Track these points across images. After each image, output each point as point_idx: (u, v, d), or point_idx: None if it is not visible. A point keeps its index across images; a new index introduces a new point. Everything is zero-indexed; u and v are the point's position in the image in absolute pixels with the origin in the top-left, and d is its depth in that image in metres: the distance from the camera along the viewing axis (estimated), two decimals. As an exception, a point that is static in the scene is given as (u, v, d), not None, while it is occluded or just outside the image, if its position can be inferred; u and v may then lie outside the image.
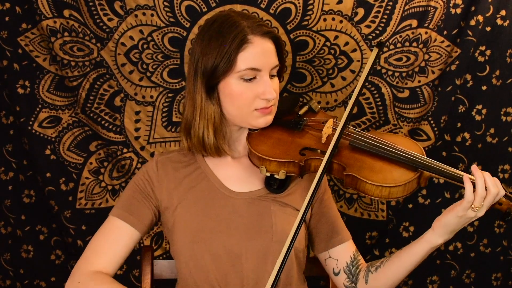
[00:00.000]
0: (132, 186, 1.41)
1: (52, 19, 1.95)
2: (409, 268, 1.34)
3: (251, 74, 1.29)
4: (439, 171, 1.26)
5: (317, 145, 1.33)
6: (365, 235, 2.15)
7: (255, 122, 1.34)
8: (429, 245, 1.29)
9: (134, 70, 2.01)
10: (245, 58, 1.28)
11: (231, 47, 1.27)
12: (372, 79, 2.03)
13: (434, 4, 1.97)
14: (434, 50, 2.00)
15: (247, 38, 1.28)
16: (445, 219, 1.25)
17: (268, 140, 1.35)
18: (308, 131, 1.39)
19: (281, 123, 1.39)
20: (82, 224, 2.09)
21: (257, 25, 1.30)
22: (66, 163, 2.06)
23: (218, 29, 1.30)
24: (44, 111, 2.02)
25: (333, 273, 1.44)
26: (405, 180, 1.24)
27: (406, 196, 1.26)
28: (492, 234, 2.16)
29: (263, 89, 1.30)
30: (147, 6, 1.95)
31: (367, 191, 1.25)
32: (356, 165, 1.27)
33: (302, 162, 1.29)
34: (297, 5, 1.96)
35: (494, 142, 2.10)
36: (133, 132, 2.05)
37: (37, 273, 2.16)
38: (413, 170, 1.26)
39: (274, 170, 1.31)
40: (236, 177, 1.40)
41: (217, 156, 1.38)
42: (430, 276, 2.20)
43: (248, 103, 1.31)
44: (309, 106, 1.44)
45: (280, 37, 1.36)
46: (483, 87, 2.06)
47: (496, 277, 2.20)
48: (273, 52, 1.32)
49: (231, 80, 1.30)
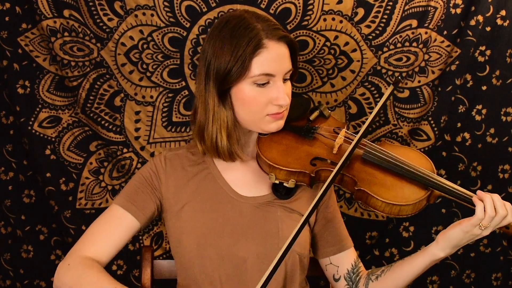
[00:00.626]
0: (138, 177, 1.40)
1: (52, 19, 1.95)
2: (409, 279, 1.33)
3: (265, 79, 1.27)
4: (450, 191, 1.26)
5: (329, 156, 1.32)
6: (365, 235, 2.15)
7: (267, 127, 1.32)
8: (431, 258, 1.29)
9: (134, 70, 2.01)
10: (259, 63, 1.25)
11: (245, 52, 1.24)
12: (372, 79, 2.03)
13: (434, 4, 1.97)
14: (434, 50, 2.00)
15: (262, 42, 1.25)
16: (450, 233, 1.25)
17: (278, 146, 1.34)
18: (320, 139, 1.37)
19: (292, 129, 1.37)
20: (82, 224, 2.09)
21: (273, 28, 1.27)
22: (66, 163, 2.06)
23: (231, 31, 1.26)
24: (44, 111, 2.02)
25: (334, 279, 1.44)
26: (416, 199, 1.24)
27: (415, 213, 1.26)
28: (492, 234, 2.13)
29: (277, 94, 1.28)
30: (147, 6, 1.95)
31: (377, 207, 1.24)
32: (367, 179, 1.27)
33: (313, 173, 1.28)
34: (297, 5, 1.97)
35: (494, 142, 2.10)
36: (133, 132, 2.05)
37: (37, 273, 2.16)
38: (424, 188, 1.26)
39: (283, 178, 1.30)
40: (244, 181, 1.39)
41: (230, 160, 1.36)
42: (430, 276, 2.20)
43: (260, 108, 1.29)
44: (320, 111, 1.43)
45: (295, 41, 1.33)
46: (483, 87, 2.06)
47: (496, 277, 2.20)
48: (287, 56, 1.30)
49: (244, 84, 1.27)
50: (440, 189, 1.26)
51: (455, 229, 1.24)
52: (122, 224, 1.34)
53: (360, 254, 2.16)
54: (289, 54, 1.31)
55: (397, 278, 1.34)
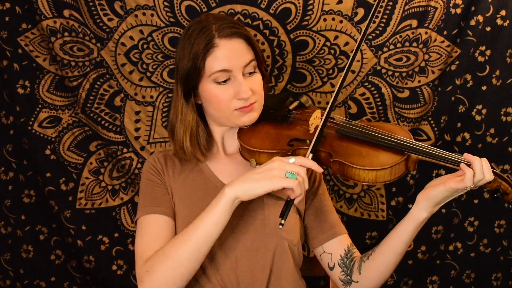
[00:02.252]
0: (146, 183, 1.44)
1: (52, 19, 1.95)
2: (398, 250, 1.33)
3: (224, 76, 1.32)
4: (425, 152, 1.27)
5: (305, 136, 1.35)
6: (365, 235, 2.15)
7: (239, 121, 1.37)
8: (415, 221, 1.29)
9: (134, 70, 2.01)
10: (213, 61, 1.31)
11: (198, 52, 1.31)
12: (372, 79, 2.03)
13: (434, 4, 1.96)
14: (434, 50, 2.00)
15: (213, 42, 1.31)
16: (432, 193, 1.25)
17: (257, 134, 1.38)
18: (297, 123, 1.41)
19: (270, 118, 1.41)
20: (82, 224, 2.09)
21: (224, 27, 1.32)
22: (66, 163, 2.06)
23: (190, 35, 1.34)
24: (44, 111, 2.02)
25: (328, 267, 1.44)
26: (392, 163, 1.25)
27: (394, 180, 1.27)
28: (492, 234, 2.16)
29: (238, 89, 1.32)
30: (147, 6, 1.95)
31: (354, 176, 1.26)
32: (343, 152, 1.29)
33: (290, 152, 1.31)
34: (297, 5, 1.96)
35: (494, 142, 2.10)
36: (133, 132, 2.05)
37: (37, 273, 2.16)
38: (400, 153, 1.27)
39: (263, 161, 1.31)
40: (230, 172, 1.43)
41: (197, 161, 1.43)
42: (430, 276, 2.20)
43: (226, 105, 1.34)
44: (299, 101, 1.46)
45: (249, 34, 1.37)
46: (483, 87, 2.06)
47: (496, 277, 2.20)
48: (244, 50, 1.34)
49: (206, 84, 1.34)
50: (415, 152, 1.27)
51: (438, 188, 1.24)
52: (161, 229, 1.36)
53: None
54: (247, 47, 1.35)
55: (386, 252, 1.34)
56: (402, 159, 1.26)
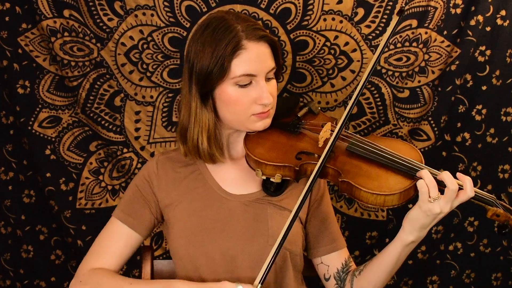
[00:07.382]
0: (133, 188, 1.42)
1: (52, 19, 1.95)
2: (388, 269, 1.32)
3: (247, 80, 1.27)
4: None
5: (314, 149, 1.31)
6: (365, 235, 2.15)
7: (253, 126, 1.33)
8: (401, 243, 1.27)
9: (134, 70, 2.01)
10: (239, 64, 1.26)
11: (225, 53, 1.25)
12: (372, 79, 2.03)
13: (434, 4, 1.97)
14: (434, 50, 2.00)
15: (241, 43, 1.25)
16: (411, 215, 1.24)
17: (265, 142, 1.34)
18: (306, 134, 1.37)
19: (279, 125, 1.37)
20: (82, 224, 2.09)
21: (252, 29, 1.27)
22: (66, 163, 2.06)
23: (212, 33, 1.27)
24: (44, 111, 2.02)
25: (324, 278, 1.44)
26: (401, 188, 1.21)
27: (402, 204, 1.24)
28: (492, 234, 2.16)
29: (260, 94, 1.28)
30: (147, 6, 1.95)
31: (362, 198, 1.23)
32: (352, 171, 1.25)
33: (297, 167, 1.28)
34: (297, 5, 1.97)
35: (494, 142, 2.10)
36: (133, 132, 2.05)
37: (37, 273, 2.16)
38: (410, 178, 1.23)
39: (269, 173, 1.30)
40: (233, 179, 1.39)
41: (211, 162, 1.37)
42: (430, 276, 2.20)
43: (245, 109, 1.29)
44: (309, 107, 1.43)
45: (276, 40, 1.34)
46: (483, 87, 2.06)
47: (496, 277, 2.20)
48: (268, 55, 1.30)
49: (227, 86, 1.28)
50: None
51: (414, 210, 1.22)
52: (122, 238, 1.37)
53: (360, 254, 2.16)
54: (271, 53, 1.31)
55: (376, 270, 1.33)
56: (412, 184, 1.22)
